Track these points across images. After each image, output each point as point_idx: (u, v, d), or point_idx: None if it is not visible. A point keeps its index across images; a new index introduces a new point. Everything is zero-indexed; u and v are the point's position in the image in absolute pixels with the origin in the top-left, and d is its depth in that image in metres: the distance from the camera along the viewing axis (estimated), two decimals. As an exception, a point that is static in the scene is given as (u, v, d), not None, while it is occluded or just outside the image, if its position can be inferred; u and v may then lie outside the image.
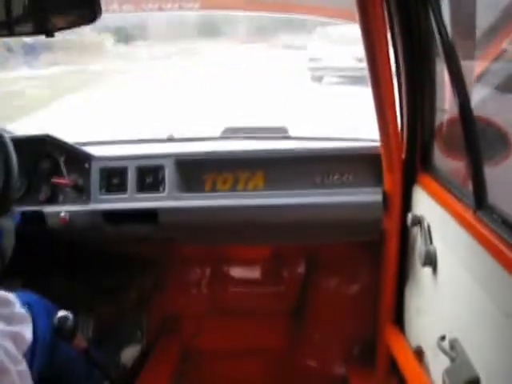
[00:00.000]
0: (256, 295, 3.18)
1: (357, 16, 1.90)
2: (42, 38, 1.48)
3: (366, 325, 2.85)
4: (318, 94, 12.37)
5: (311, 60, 13.78)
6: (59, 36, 1.47)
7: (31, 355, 1.88)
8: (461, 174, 2.02)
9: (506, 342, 1.51)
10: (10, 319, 1.66)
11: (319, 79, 13.85)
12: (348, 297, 3.07)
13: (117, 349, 2.74)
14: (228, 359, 3.06)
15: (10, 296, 1.73)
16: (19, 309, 1.73)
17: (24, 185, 2.64)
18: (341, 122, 8.83)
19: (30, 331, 1.73)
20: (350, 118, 8.84)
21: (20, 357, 1.63)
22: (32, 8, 1.44)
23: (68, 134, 2.79)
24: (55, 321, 1.92)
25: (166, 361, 2.99)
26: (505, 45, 2.26)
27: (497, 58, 2.25)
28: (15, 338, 1.64)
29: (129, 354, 2.78)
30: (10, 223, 1.82)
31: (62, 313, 1.93)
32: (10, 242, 1.84)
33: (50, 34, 1.46)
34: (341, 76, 13.19)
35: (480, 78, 2.25)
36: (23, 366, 1.63)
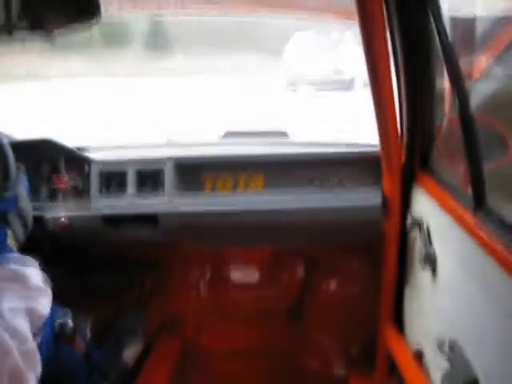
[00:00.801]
0: (256, 296, 3.19)
1: (356, 17, 1.91)
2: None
3: (366, 326, 2.85)
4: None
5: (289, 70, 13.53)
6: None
7: (55, 358, 1.88)
8: (460, 176, 2.02)
9: (505, 344, 1.51)
10: (24, 294, 1.64)
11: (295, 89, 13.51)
12: (347, 298, 3.08)
13: (118, 348, 2.74)
14: (228, 360, 3.07)
15: (26, 270, 1.71)
16: (35, 281, 1.71)
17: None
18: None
19: (46, 304, 1.71)
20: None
21: (30, 335, 1.60)
22: (32, 9, 1.44)
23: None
24: (55, 326, 1.92)
25: (166, 361, 2.99)
26: (503, 47, 2.26)
27: (496, 59, 2.26)
28: (30, 313, 1.62)
29: (131, 352, 2.78)
30: (21, 189, 1.85)
31: (60, 318, 1.94)
32: (27, 206, 1.86)
33: (49, 34, 1.47)
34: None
35: (479, 79, 2.25)
36: (31, 345, 1.60)
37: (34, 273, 1.72)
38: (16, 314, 1.57)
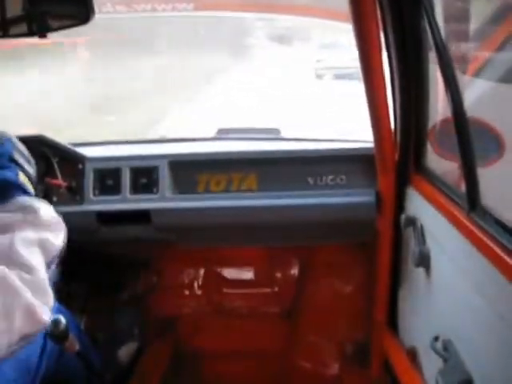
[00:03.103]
0: (250, 296, 3.19)
1: (349, 17, 1.90)
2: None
3: (360, 325, 2.86)
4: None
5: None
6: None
7: (39, 360, 1.88)
8: (454, 176, 2.02)
9: (499, 343, 1.51)
10: (37, 225, 1.62)
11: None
12: (342, 297, 3.08)
13: (114, 347, 2.74)
14: (222, 360, 3.06)
15: (39, 204, 1.70)
16: (48, 214, 1.69)
17: None
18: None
19: (59, 235, 1.69)
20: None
21: (42, 267, 1.56)
22: (26, 10, 1.44)
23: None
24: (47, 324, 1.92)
25: (159, 361, 2.99)
26: (498, 45, 2.26)
27: (490, 59, 2.26)
28: (42, 244, 1.59)
29: (126, 351, 2.78)
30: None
31: (54, 316, 1.93)
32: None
33: (43, 35, 1.46)
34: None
35: (473, 77, 2.25)
36: (42, 277, 1.54)
37: (46, 207, 1.70)
38: (28, 245, 1.54)
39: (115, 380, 2.60)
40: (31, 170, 1.83)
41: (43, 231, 1.62)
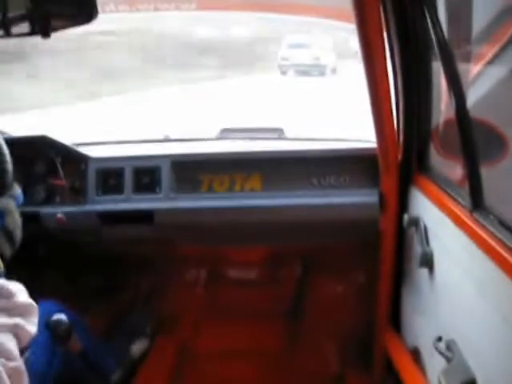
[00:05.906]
0: (253, 296, 3.18)
1: (353, 17, 1.90)
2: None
3: (363, 325, 2.85)
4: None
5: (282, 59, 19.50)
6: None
7: (49, 363, 1.88)
8: (457, 175, 2.02)
9: (502, 343, 1.50)
10: (11, 311, 1.62)
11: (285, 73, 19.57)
12: (344, 297, 3.08)
13: (126, 344, 2.74)
14: (225, 360, 3.06)
15: (14, 286, 1.69)
16: (23, 299, 1.69)
17: (20, 186, 2.63)
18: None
19: (33, 322, 1.69)
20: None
21: (17, 353, 1.59)
22: (28, 9, 1.43)
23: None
24: (50, 324, 1.92)
25: (162, 361, 2.99)
26: (501, 45, 2.26)
27: (493, 59, 2.25)
28: (16, 330, 1.60)
29: (137, 349, 2.78)
30: (11, 203, 1.80)
31: (56, 316, 1.93)
32: (15, 221, 1.81)
33: (46, 34, 1.46)
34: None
35: (476, 78, 2.25)
36: (19, 363, 1.58)
37: (20, 289, 1.69)
38: (2, 330, 1.55)
39: (122, 380, 2.60)
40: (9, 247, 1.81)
41: (17, 317, 1.61)
